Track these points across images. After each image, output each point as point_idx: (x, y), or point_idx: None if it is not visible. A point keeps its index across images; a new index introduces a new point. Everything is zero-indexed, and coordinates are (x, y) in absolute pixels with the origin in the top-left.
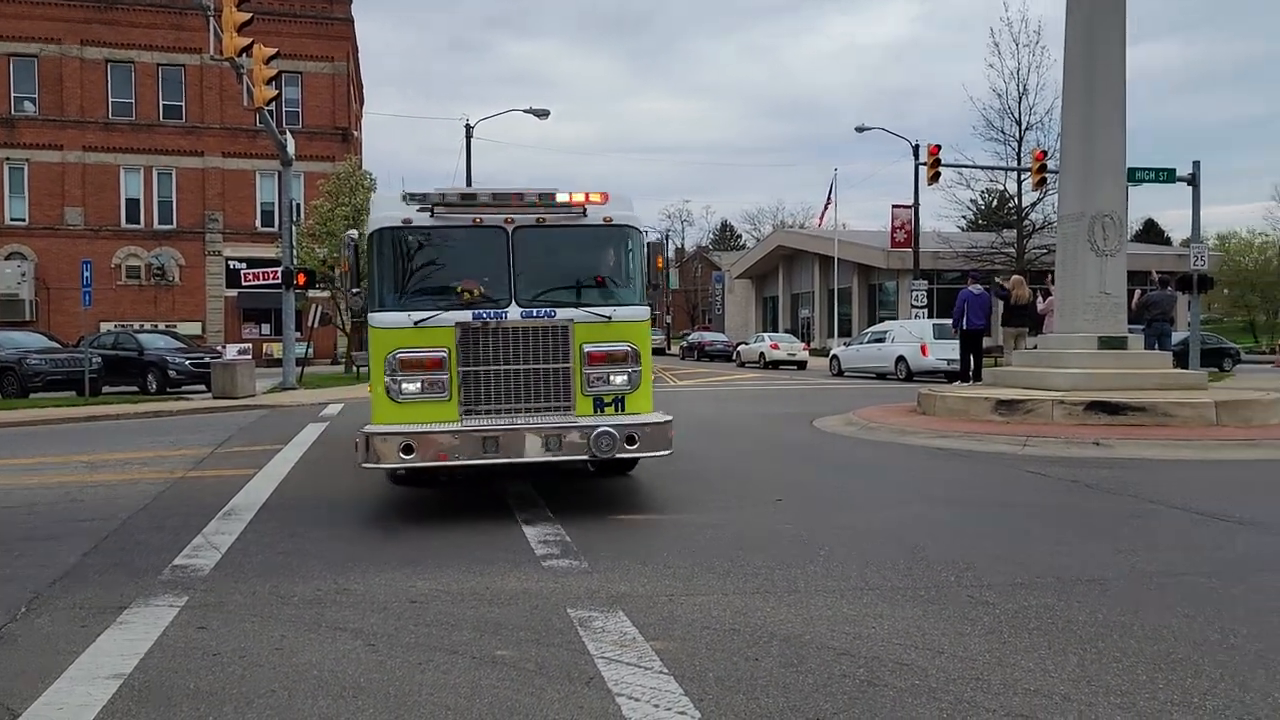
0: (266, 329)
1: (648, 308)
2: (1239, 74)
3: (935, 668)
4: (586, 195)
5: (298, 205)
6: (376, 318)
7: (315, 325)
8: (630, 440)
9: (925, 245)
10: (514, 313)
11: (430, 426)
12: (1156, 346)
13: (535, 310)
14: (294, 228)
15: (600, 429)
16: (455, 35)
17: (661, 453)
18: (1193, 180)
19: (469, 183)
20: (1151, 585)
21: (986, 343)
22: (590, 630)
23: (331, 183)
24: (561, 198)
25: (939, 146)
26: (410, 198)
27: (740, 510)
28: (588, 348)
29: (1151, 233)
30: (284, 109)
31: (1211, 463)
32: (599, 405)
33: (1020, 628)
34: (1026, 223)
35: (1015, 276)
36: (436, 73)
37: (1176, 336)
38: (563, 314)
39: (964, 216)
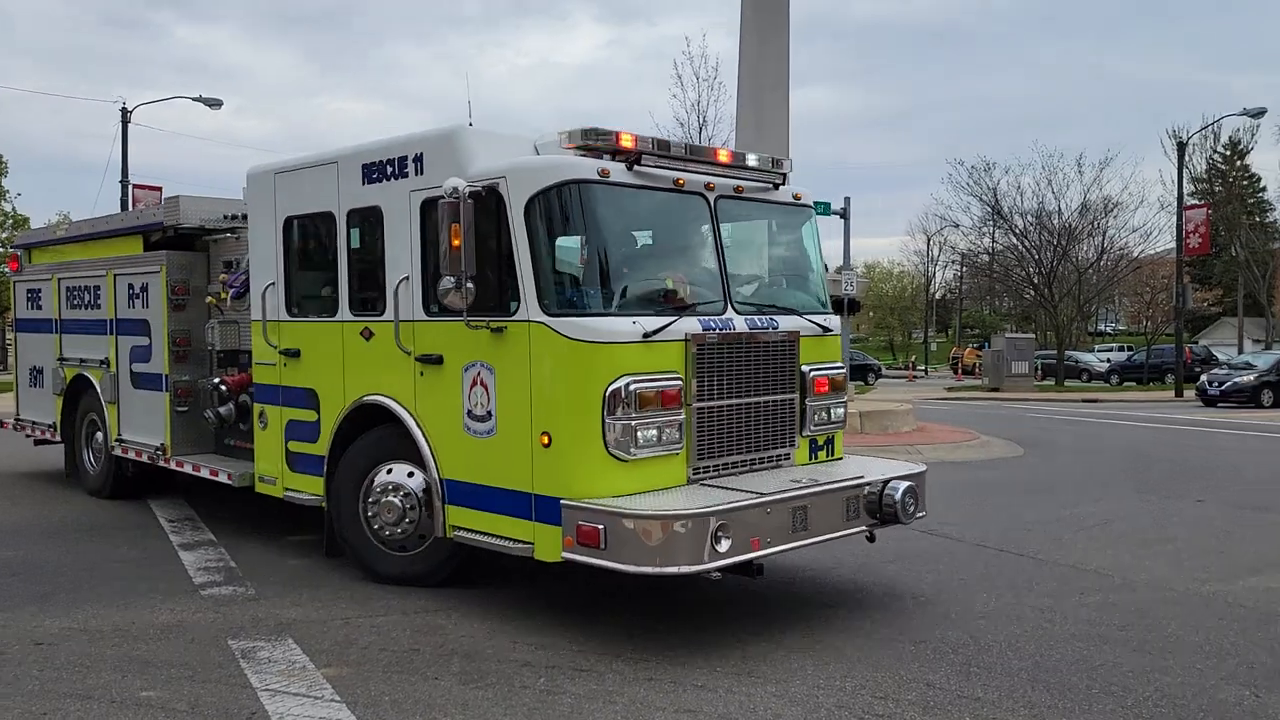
0: None
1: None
2: (885, 123)
3: (613, 671)
4: (776, 161)
5: None
6: (578, 325)
7: None
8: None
9: None
10: (739, 322)
11: (730, 500)
12: None
13: (759, 318)
14: None
15: (905, 484)
16: (110, 9)
17: (922, 514)
18: (844, 214)
19: (125, 175)
20: (799, 582)
21: None
22: (254, 661)
23: None
24: (753, 160)
25: None
26: (591, 136)
27: None
28: (810, 370)
29: None
30: None
31: None
32: (814, 448)
33: (692, 626)
34: None
35: None
36: (88, 48)
37: None
38: (786, 324)
39: None
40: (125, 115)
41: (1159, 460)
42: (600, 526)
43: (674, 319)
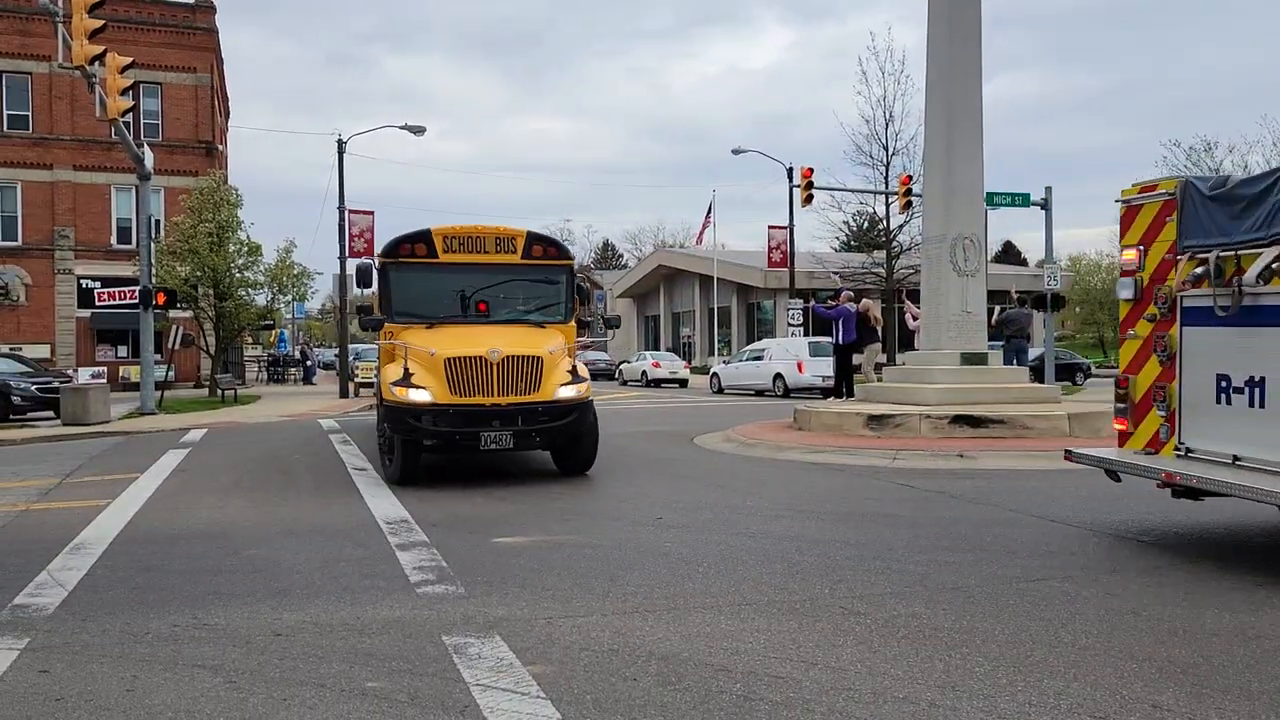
0: (123, 351)
1: None
2: (1089, 105)
3: (809, 680)
4: None
5: (157, 221)
6: None
7: (176, 347)
8: None
9: (800, 265)
10: None
11: None
12: (1015, 362)
13: None
14: (153, 245)
15: None
16: (333, 49)
17: None
18: (1045, 204)
19: (342, 201)
20: (1011, 591)
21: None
22: (465, 657)
23: (194, 198)
24: None
25: (812, 170)
26: None
27: (621, 529)
28: None
29: (1010, 253)
30: (142, 120)
31: (1065, 471)
32: None
33: (890, 636)
34: (895, 244)
35: (865, 300)
36: (312, 87)
37: (1032, 352)
38: None
39: (837, 238)
40: (341, 146)
41: None
42: None
43: None
